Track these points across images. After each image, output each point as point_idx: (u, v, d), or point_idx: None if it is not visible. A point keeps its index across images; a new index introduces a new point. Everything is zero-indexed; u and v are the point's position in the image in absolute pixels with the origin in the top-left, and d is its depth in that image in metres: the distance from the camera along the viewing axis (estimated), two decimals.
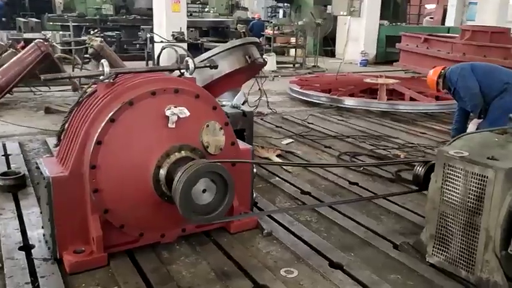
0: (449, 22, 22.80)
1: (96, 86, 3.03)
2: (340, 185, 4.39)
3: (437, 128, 6.76)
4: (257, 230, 3.38)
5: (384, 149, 5.55)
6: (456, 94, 4.75)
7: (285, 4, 23.06)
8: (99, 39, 8.43)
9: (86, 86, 3.65)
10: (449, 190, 2.81)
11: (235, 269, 2.88)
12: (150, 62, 10.37)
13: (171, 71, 3.31)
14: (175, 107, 2.82)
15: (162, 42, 10.44)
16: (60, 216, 2.79)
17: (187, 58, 3.23)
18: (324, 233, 3.40)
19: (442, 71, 4.87)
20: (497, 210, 2.59)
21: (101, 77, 2.95)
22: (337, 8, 15.87)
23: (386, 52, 15.78)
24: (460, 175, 2.74)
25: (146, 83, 2.93)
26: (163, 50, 3.99)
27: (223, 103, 4.67)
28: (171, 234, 3.11)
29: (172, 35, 10.36)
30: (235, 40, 6.58)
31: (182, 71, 3.23)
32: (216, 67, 3.50)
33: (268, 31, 14.68)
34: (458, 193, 2.76)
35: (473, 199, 2.68)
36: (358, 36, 15.79)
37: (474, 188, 2.67)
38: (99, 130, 2.74)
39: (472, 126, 4.63)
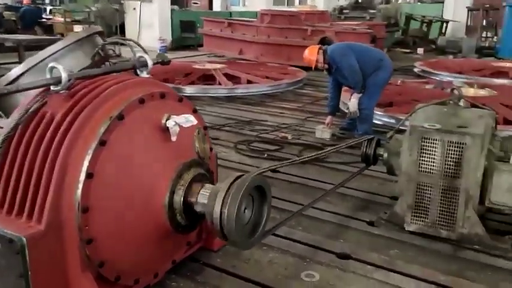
0: (217, 7, 24.22)
1: (42, 99, 2.19)
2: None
3: (288, 107, 7.19)
4: None
5: (267, 133, 5.63)
6: (338, 72, 5.12)
7: None
8: None
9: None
10: (427, 161, 3.05)
11: None
12: None
13: (126, 70, 2.64)
14: (174, 115, 2.28)
15: None
16: None
17: (142, 54, 2.63)
18: (299, 227, 3.30)
19: (320, 50, 5.17)
20: (475, 171, 2.94)
21: (54, 87, 2.16)
22: None
23: (182, 37, 15.84)
24: (437, 145, 3.00)
25: (123, 88, 2.27)
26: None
27: None
28: (162, 271, 2.55)
29: None
30: (80, 31, 5.65)
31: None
32: (168, 63, 2.94)
33: (58, 18, 12.99)
34: (435, 162, 3.03)
35: (452, 165, 2.98)
36: (152, 22, 15.40)
37: (452, 155, 2.97)
38: (89, 158, 2.01)
39: (354, 101, 5.08)
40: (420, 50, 15.78)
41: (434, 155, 3.03)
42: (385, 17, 16.60)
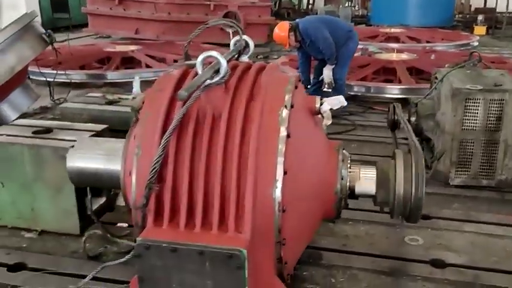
0: None
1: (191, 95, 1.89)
2: None
3: None
4: None
5: None
6: (312, 46, 5.17)
7: None
8: None
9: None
10: (470, 119, 3.36)
11: (387, 261, 2.62)
12: None
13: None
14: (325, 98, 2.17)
15: None
16: None
17: (244, 37, 2.41)
18: None
19: (290, 25, 5.16)
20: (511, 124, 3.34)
21: (216, 79, 1.89)
22: None
23: (54, 18, 14.27)
24: (479, 104, 3.32)
25: (270, 75, 2.07)
26: None
27: (120, 96, 3.62)
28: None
29: None
30: (22, 16, 4.88)
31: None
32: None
33: None
34: (478, 120, 3.35)
35: (493, 120, 3.33)
36: (15, 2, 13.59)
37: (494, 112, 3.32)
38: (282, 154, 1.83)
39: (328, 73, 5.21)
40: None
41: (477, 113, 3.35)
42: None
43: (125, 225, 2.93)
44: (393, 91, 6.12)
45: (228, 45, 6.94)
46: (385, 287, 2.40)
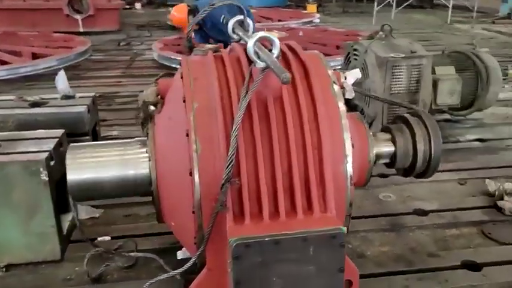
0: None
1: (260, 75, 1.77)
2: None
3: (114, 75, 6.55)
4: None
5: None
6: (213, 27, 5.05)
7: None
8: None
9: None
10: (396, 84, 3.77)
11: (383, 219, 2.84)
12: None
13: None
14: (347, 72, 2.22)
15: None
16: None
17: (246, 18, 2.31)
18: None
19: (188, 8, 4.97)
20: (429, 84, 3.85)
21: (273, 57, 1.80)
22: None
23: None
24: (403, 69, 3.74)
25: (300, 49, 2.04)
26: None
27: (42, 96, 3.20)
28: None
29: None
30: None
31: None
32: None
33: None
34: (402, 83, 3.78)
35: (414, 83, 3.80)
36: None
37: (414, 75, 3.78)
38: (346, 128, 1.86)
39: None
40: (138, 5, 16.07)
41: (402, 78, 3.77)
42: None
43: (107, 238, 2.59)
44: None
45: (75, 32, 6.24)
46: (395, 241, 2.62)
